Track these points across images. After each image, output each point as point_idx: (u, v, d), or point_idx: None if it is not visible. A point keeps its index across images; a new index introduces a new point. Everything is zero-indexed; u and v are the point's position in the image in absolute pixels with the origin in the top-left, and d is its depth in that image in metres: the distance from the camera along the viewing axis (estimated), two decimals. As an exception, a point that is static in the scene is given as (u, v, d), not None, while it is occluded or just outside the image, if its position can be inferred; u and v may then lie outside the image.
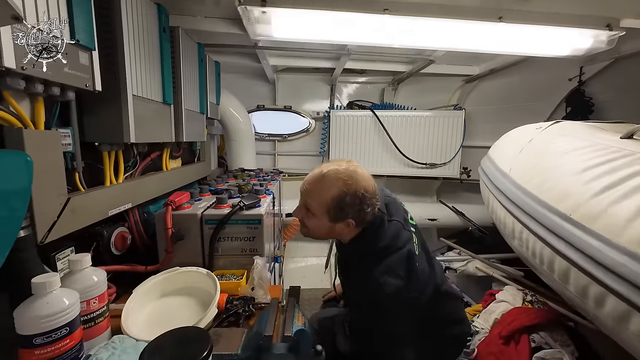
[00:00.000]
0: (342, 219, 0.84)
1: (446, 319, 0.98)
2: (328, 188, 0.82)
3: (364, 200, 0.82)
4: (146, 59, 1.05)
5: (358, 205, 0.82)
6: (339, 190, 0.81)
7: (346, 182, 0.82)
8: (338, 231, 0.88)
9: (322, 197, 0.83)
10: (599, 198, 0.74)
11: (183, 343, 0.53)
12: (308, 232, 0.93)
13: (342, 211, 0.82)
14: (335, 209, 0.82)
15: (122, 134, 0.94)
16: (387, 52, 2.10)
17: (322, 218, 0.85)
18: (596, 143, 0.90)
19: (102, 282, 0.71)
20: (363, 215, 0.84)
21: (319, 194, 0.84)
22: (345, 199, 0.81)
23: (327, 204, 0.83)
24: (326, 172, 0.85)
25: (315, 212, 0.86)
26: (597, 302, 0.71)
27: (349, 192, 0.81)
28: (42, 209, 0.70)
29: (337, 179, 0.82)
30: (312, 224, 0.89)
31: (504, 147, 1.36)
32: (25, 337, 0.54)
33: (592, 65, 1.95)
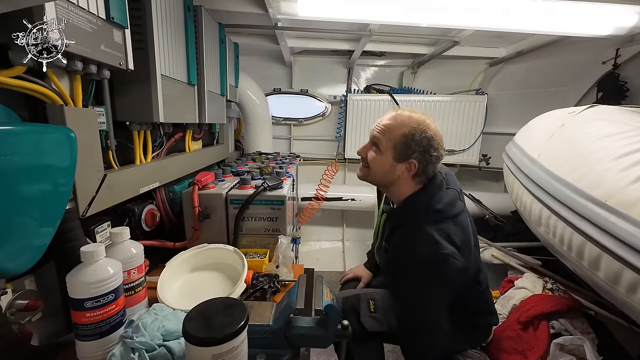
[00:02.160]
0: (406, 158, 0.85)
1: (483, 309, 1.01)
2: (400, 125, 0.85)
3: (431, 144, 0.84)
4: (173, 39, 1.05)
5: (425, 147, 0.84)
6: (410, 128, 0.84)
7: (418, 122, 0.85)
8: (398, 174, 0.88)
9: (393, 132, 0.85)
10: (638, 184, 0.71)
11: (221, 311, 0.56)
12: (367, 172, 0.93)
13: (408, 149, 0.84)
14: (402, 145, 0.84)
15: (152, 113, 0.96)
16: (409, 32, 2.03)
17: (387, 154, 0.87)
18: (636, 127, 0.86)
19: (140, 254, 0.74)
20: (427, 161, 0.85)
21: (390, 130, 0.86)
22: (414, 136, 0.83)
23: (396, 139, 0.85)
24: (400, 112, 0.89)
25: (382, 147, 0.87)
26: (630, 288, 0.69)
27: (418, 131, 0.84)
28: (83, 184, 0.74)
29: (409, 119, 0.86)
30: (375, 161, 0.89)
31: (532, 132, 1.31)
32: (77, 301, 0.59)
33: (630, 47, 1.83)
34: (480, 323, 1.03)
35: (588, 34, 1.42)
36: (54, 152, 0.60)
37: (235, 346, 0.53)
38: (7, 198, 0.51)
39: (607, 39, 1.61)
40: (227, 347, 0.51)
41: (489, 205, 2.52)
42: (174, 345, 0.58)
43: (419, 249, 0.81)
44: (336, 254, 2.85)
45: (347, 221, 2.92)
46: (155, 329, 0.59)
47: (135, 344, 0.54)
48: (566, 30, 1.39)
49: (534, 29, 1.40)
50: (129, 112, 0.95)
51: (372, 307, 0.93)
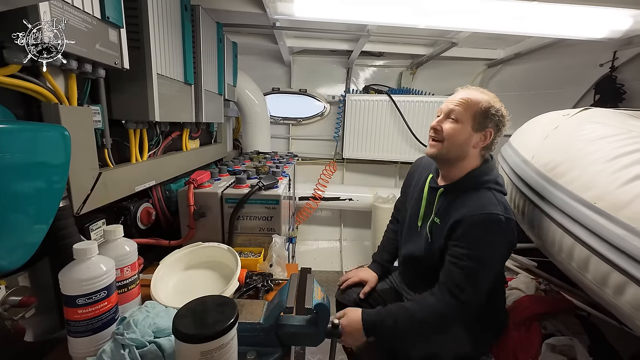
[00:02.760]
0: (484, 127, 0.91)
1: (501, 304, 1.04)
2: (478, 97, 0.91)
3: (502, 119, 0.91)
4: (169, 38, 1.05)
5: (499, 119, 0.91)
6: (487, 101, 0.91)
7: (491, 97, 0.93)
8: (472, 144, 0.92)
9: (472, 103, 0.91)
10: (628, 187, 0.72)
11: (212, 308, 0.57)
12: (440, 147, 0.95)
13: (486, 119, 0.90)
14: (482, 115, 0.90)
15: (148, 112, 0.97)
16: (407, 33, 2.03)
17: (467, 123, 0.91)
18: (628, 131, 0.87)
19: (133, 252, 0.75)
20: (499, 132, 0.92)
21: (469, 101, 0.91)
22: (491, 109, 0.90)
23: (475, 110, 0.90)
24: (473, 88, 0.96)
25: (460, 117, 0.91)
26: (617, 290, 0.70)
27: (493, 106, 0.90)
28: (77, 182, 0.74)
29: (485, 93, 0.94)
30: (452, 131, 0.92)
31: (527, 134, 1.32)
32: (69, 297, 0.59)
33: (627, 50, 1.83)
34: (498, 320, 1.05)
35: (584, 37, 1.42)
36: (48, 151, 0.61)
37: (224, 343, 0.53)
38: (0, 195, 0.52)
39: (605, 42, 1.61)
40: (216, 344, 0.52)
41: (486, 206, 2.52)
42: (165, 342, 0.58)
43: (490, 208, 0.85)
44: (333, 254, 2.86)
45: (345, 221, 2.93)
46: (146, 325, 0.60)
47: (126, 341, 0.54)
48: (562, 32, 1.40)
49: (531, 32, 1.40)
50: (125, 110, 0.96)
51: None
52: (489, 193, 0.89)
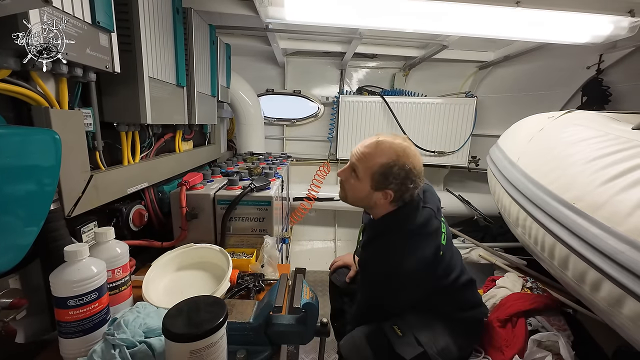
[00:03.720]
0: (383, 188, 0.88)
1: (467, 305, 1.05)
2: (380, 154, 0.87)
3: (409, 176, 0.86)
4: (161, 41, 1.06)
5: (402, 179, 0.86)
6: (389, 158, 0.86)
7: (398, 153, 0.86)
8: (374, 200, 0.91)
9: (372, 161, 0.87)
10: (604, 188, 0.75)
11: (202, 308, 0.58)
12: (345, 196, 0.98)
13: (386, 180, 0.87)
14: (380, 175, 0.87)
15: (139, 115, 0.98)
16: (399, 36, 2.06)
17: (365, 182, 0.89)
18: (607, 133, 0.90)
19: (124, 254, 0.76)
20: (403, 191, 0.88)
21: (369, 159, 0.88)
22: (393, 168, 0.85)
23: (374, 169, 0.87)
24: (381, 140, 0.89)
25: (360, 175, 0.90)
26: (594, 287, 0.73)
27: (397, 163, 0.85)
28: (68, 185, 0.75)
29: (390, 148, 0.87)
30: (353, 187, 0.93)
31: (513, 136, 1.35)
32: (60, 299, 0.60)
33: (612, 53, 1.88)
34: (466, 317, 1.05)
35: (567, 42, 1.46)
36: (39, 154, 0.62)
37: (213, 342, 0.55)
38: (-9, 199, 0.53)
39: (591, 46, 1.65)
40: (205, 343, 0.53)
41: (478, 206, 2.56)
42: (155, 341, 0.59)
43: (389, 265, 0.88)
44: (328, 254, 2.88)
45: (339, 221, 2.95)
46: (137, 326, 0.61)
47: (116, 341, 0.56)
48: (547, 37, 1.43)
49: (516, 36, 1.44)
50: (117, 113, 0.97)
51: (399, 332, 0.92)
52: (393, 245, 0.89)
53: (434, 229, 0.93)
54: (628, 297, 0.64)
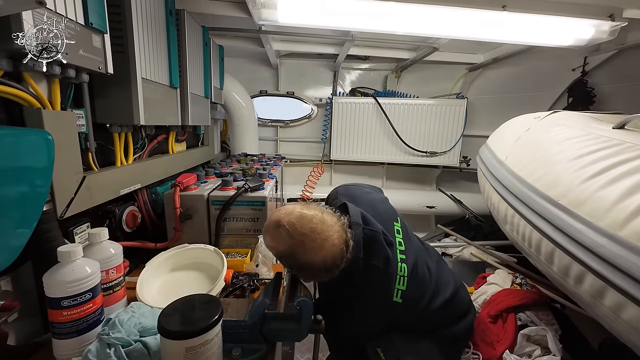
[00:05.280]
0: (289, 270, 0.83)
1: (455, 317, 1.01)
2: (275, 243, 0.81)
3: (303, 270, 0.80)
4: (154, 43, 1.07)
5: (296, 271, 0.81)
6: (279, 250, 0.81)
7: (291, 248, 0.78)
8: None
9: (271, 245, 0.84)
10: (587, 184, 0.78)
11: (197, 306, 0.59)
12: None
13: (284, 264, 0.83)
14: (279, 258, 0.83)
15: (132, 116, 0.98)
16: (391, 38, 2.09)
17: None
18: (589, 133, 0.93)
19: (118, 255, 0.76)
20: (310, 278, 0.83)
21: (269, 241, 0.84)
22: (283, 261, 0.82)
23: (275, 252, 0.84)
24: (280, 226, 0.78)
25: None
26: (577, 280, 0.76)
27: (287, 257, 0.80)
28: (61, 186, 0.75)
29: (283, 240, 0.78)
30: None
31: (502, 136, 1.39)
32: (54, 299, 0.60)
33: (596, 56, 1.94)
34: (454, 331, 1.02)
35: (552, 44, 1.51)
36: (31, 155, 0.62)
37: (208, 339, 0.55)
38: (-17, 200, 0.53)
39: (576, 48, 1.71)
40: (200, 341, 0.54)
41: (470, 205, 2.61)
42: (150, 340, 0.60)
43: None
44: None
45: (333, 222, 2.96)
46: (131, 325, 0.61)
47: (112, 340, 0.56)
48: (532, 40, 1.48)
49: (503, 39, 1.48)
50: (109, 114, 0.97)
51: (382, 355, 0.88)
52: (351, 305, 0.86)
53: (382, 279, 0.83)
54: (609, 289, 0.67)
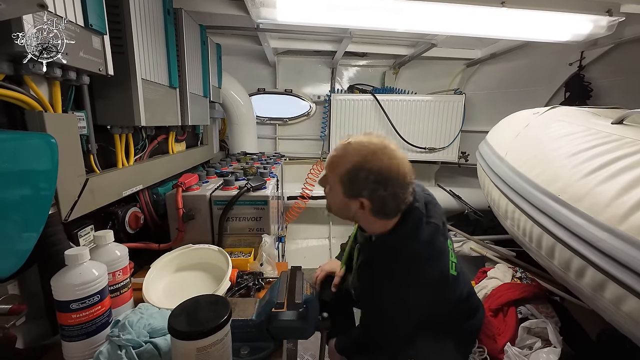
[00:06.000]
0: (355, 195, 0.76)
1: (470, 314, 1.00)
2: (345, 158, 0.76)
3: (381, 182, 0.73)
4: (153, 43, 1.06)
5: (372, 184, 0.74)
6: (354, 163, 0.75)
7: (365, 156, 0.74)
8: (354, 211, 0.79)
9: (338, 167, 0.77)
10: (586, 180, 0.79)
11: (206, 307, 0.60)
12: (328, 206, 0.87)
13: (355, 185, 0.75)
14: (348, 181, 0.76)
15: (133, 117, 0.97)
16: (389, 35, 2.09)
17: (337, 189, 0.79)
18: (589, 128, 0.95)
19: (124, 256, 0.76)
20: (381, 200, 0.75)
21: (336, 164, 0.78)
22: (360, 173, 0.74)
23: (341, 175, 0.77)
24: (352, 140, 0.79)
25: (331, 182, 0.80)
26: (578, 273, 0.77)
27: (364, 167, 0.73)
28: (64, 189, 0.75)
29: (357, 150, 0.76)
30: (328, 196, 0.84)
31: (501, 132, 1.40)
32: (63, 303, 0.60)
33: (593, 50, 1.96)
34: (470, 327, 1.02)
35: (550, 40, 1.51)
36: (35, 159, 0.62)
37: (219, 339, 0.56)
38: (-10, 205, 0.53)
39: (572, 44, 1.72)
40: (211, 340, 0.55)
41: (469, 201, 2.63)
42: (160, 341, 0.60)
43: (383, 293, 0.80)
44: (323, 252, 2.90)
45: (333, 219, 2.97)
46: (141, 327, 0.62)
47: (122, 342, 0.56)
48: (530, 36, 1.48)
49: (501, 35, 1.49)
50: (110, 116, 0.96)
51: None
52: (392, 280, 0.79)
53: (439, 251, 0.80)
54: (609, 282, 0.69)
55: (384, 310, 0.84)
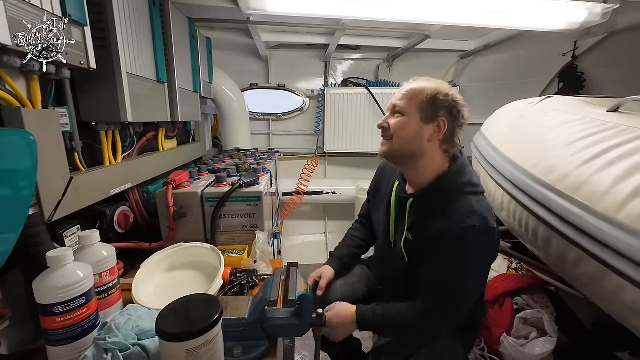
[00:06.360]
0: (435, 117, 0.80)
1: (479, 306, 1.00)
2: (422, 87, 0.82)
3: (456, 105, 0.81)
4: (137, 35, 1.02)
5: (451, 105, 0.80)
6: (432, 89, 0.81)
7: (439, 84, 0.83)
8: (427, 137, 0.81)
9: (416, 94, 0.82)
10: (583, 169, 0.78)
11: (196, 307, 0.58)
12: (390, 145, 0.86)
13: (434, 107, 0.80)
14: (429, 103, 0.80)
15: (119, 113, 0.94)
16: (382, 27, 2.06)
17: (413, 116, 0.81)
18: (584, 117, 0.94)
19: (111, 257, 0.74)
20: (455, 122, 0.81)
21: (413, 93, 0.83)
22: (439, 95, 0.80)
23: (420, 99, 0.81)
24: (418, 79, 0.86)
25: (405, 110, 0.82)
26: (575, 263, 0.77)
27: (441, 92, 0.81)
28: (47, 188, 0.72)
29: (429, 81, 0.84)
30: (400, 125, 0.83)
31: (496, 123, 1.39)
32: (46, 306, 0.58)
33: (586, 40, 1.95)
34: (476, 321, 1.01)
35: (545, 29, 1.50)
36: (12, 156, 0.59)
37: (209, 340, 0.54)
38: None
39: (567, 33, 1.70)
40: (201, 341, 0.53)
41: (464, 193, 2.63)
42: (149, 343, 0.58)
43: (468, 221, 0.74)
44: (319, 247, 2.89)
45: (329, 214, 2.96)
46: (129, 329, 0.60)
47: (108, 345, 0.54)
48: (524, 25, 1.46)
49: (495, 24, 1.46)
50: (95, 112, 0.93)
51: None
52: (464, 200, 0.78)
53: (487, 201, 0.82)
54: (608, 272, 0.68)
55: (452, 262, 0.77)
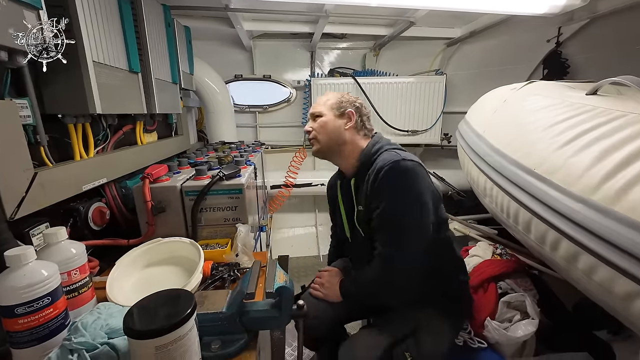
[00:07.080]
0: (344, 111, 1.05)
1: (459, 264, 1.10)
2: (330, 96, 1.10)
3: (355, 101, 1.09)
4: (105, 22, 0.97)
5: (352, 102, 1.08)
6: (337, 95, 1.10)
7: (343, 95, 1.11)
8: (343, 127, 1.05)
9: (327, 100, 1.09)
10: (561, 151, 0.78)
11: (167, 302, 0.56)
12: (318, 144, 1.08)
13: (341, 105, 1.06)
14: (337, 104, 1.07)
15: (87, 104, 0.89)
16: (367, 13, 2.02)
17: (329, 114, 1.06)
18: (564, 100, 0.93)
19: (81, 254, 0.71)
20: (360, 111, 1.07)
21: (324, 100, 1.10)
22: (342, 99, 1.08)
23: (331, 103, 1.07)
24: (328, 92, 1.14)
25: (323, 112, 1.07)
26: (553, 246, 0.77)
27: (344, 96, 1.09)
28: (7, 185, 0.68)
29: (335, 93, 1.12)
30: (321, 124, 1.06)
31: (479, 109, 1.38)
32: (7, 307, 0.55)
33: (570, 25, 1.95)
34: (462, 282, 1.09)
35: (527, 13, 1.49)
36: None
37: (180, 336, 0.52)
38: None
39: (551, 18, 1.70)
40: (171, 338, 0.51)
41: (452, 182, 2.65)
42: (119, 342, 0.56)
43: (393, 158, 0.90)
44: (310, 239, 2.89)
45: (319, 206, 2.95)
46: (97, 327, 0.57)
47: (73, 345, 0.52)
48: (507, 8, 1.45)
49: (479, 8, 1.44)
50: (59, 103, 0.88)
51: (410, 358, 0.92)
52: (386, 154, 0.95)
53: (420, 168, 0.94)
54: (582, 253, 0.69)
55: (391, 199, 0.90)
